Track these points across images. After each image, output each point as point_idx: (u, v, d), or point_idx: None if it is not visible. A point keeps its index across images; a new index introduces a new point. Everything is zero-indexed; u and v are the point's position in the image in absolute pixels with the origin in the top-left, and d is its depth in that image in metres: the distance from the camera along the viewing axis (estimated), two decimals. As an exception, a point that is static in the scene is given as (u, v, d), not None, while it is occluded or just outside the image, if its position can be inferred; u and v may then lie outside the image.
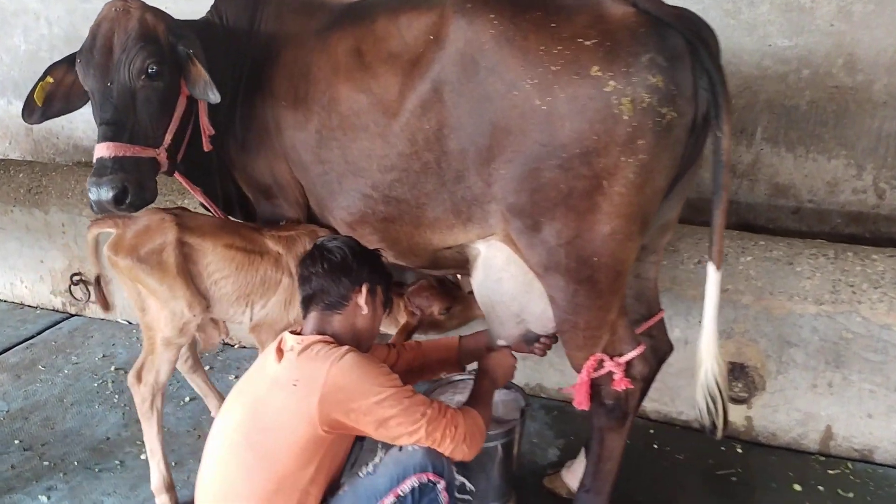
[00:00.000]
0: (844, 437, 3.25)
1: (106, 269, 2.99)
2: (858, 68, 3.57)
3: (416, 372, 2.82)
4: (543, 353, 2.84)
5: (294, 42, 2.84)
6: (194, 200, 3.58)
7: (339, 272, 2.30)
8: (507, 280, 2.57)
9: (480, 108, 2.27)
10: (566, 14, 2.15)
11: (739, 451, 3.34)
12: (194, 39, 2.68)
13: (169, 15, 2.74)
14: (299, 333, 2.33)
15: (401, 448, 2.19)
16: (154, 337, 2.92)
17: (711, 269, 2.34)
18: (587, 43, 2.08)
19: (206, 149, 2.86)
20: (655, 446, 3.36)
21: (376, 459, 2.29)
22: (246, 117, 2.95)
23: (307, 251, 2.40)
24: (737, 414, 3.37)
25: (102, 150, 2.52)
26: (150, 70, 2.58)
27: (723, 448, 3.34)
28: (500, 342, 2.69)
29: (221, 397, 3.39)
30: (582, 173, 2.16)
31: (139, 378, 2.98)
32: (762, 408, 3.34)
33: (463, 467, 2.40)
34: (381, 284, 2.39)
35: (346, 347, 2.20)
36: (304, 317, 2.36)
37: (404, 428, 2.15)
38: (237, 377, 3.98)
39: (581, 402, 2.53)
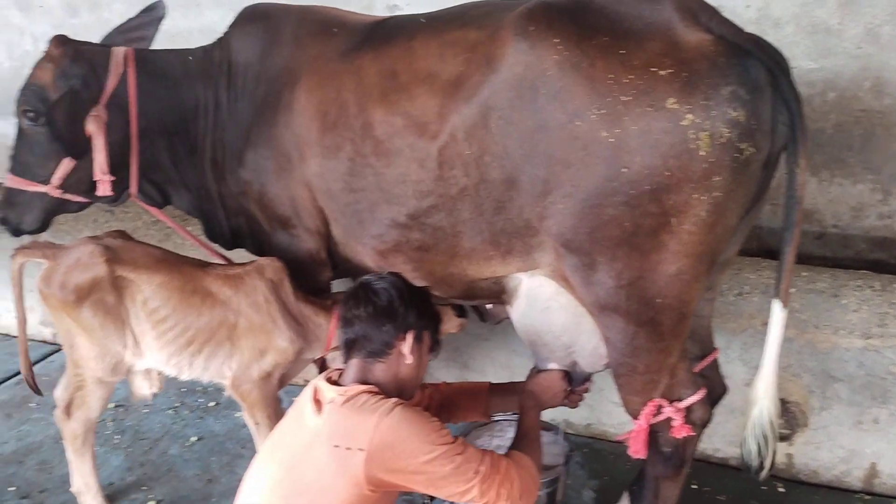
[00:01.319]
0: (890, 475, 3.14)
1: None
2: (886, 92, 3.49)
3: (442, 416, 2.68)
4: (575, 406, 2.71)
5: (315, 66, 2.68)
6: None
7: (384, 317, 2.13)
8: (556, 310, 2.43)
9: (535, 138, 2.12)
10: (636, 40, 2.01)
11: (781, 489, 3.21)
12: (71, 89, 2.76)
13: (80, 56, 2.83)
14: (335, 381, 2.16)
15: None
16: (83, 374, 2.80)
17: (777, 306, 2.20)
18: (662, 73, 1.94)
19: (100, 193, 2.88)
20: (694, 486, 3.22)
21: None
22: (261, 146, 2.78)
23: (350, 291, 2.21)
24: (778, 451, 3.24)
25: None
26: (28, 114, 2.79)
27: (764, 487, 3.20)
28: (552, 366, 2.55)
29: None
30: (650, 211, 2.02)
31: (68, 413, 2.88)
32: (804, 445, 3.22)
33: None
34: (429, 330, 2.22)
35: (395, 400, 2.04)
36: (345, 361, 2.20)
37: (456, 487, 2.00)
38: (245, 414, 3.78)
39: (638, 451, 2.38)
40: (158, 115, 2.92)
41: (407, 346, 2.13)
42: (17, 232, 2.98)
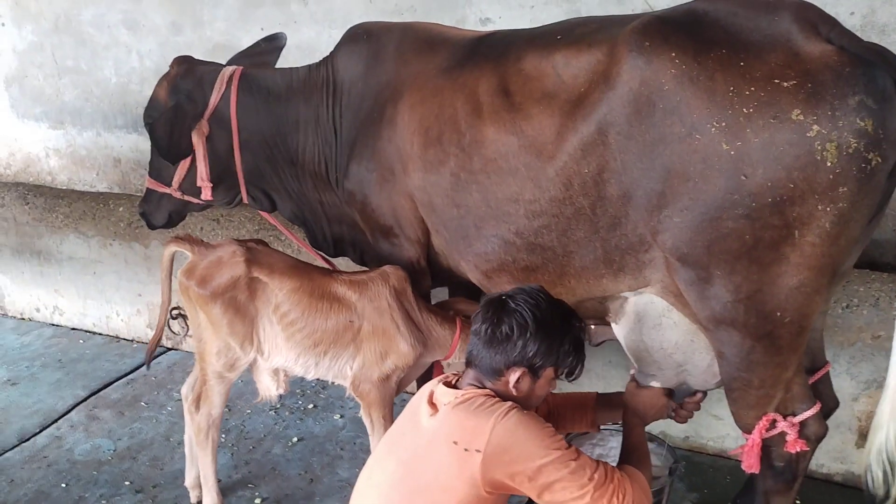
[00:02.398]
0: None
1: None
2: None
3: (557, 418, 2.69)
4: (684, 421, 2.68)
5: (418, 81, 2.75)
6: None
7: (499, 344, 2.11)
8: (668, 327, 2.41)
9: (653, 152, 2.13)
10: (755, 52, 2.00)
11: (890, 509, 3.11)
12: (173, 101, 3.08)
13: (190, 74, 3.13)
14: (454, 385, 2.21)
15: None
16: (206, 369, 2.93)
17: None
18: (785, 84, 1.93)
19: (203, 197, 3.19)
20: (798, 502, 3.15)
21: None
22: (365, 158, 2.87)
23: (486, 301, 2.22)
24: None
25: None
26: (146, 125, 3.12)
27: (872, 505, 3.11)
28: (654, 384, 2.53)
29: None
30: (772, 223, 2.00)
31: (197, 406, 3.02)
32: (916, 463, 3.10)
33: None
34: (556, 365, 2.16)
35: (510, 404, 2.07)
36: (466, 368, 2.24)
37: (569, 493, 2.00)
38: (343, 416, 3.89)
39: (751, 466, 2.35)
40: (259, 129, 3.10)
41: (513, 380, 2.12)
42: (151, 226, 3.41)
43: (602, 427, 2.89)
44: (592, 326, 2.90)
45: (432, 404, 2.15)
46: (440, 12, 3.99)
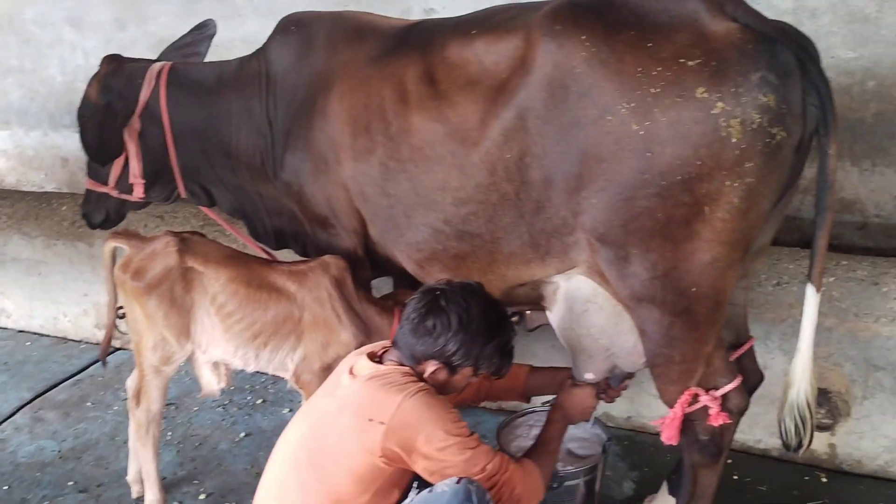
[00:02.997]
0: (936, 464, 3.10)
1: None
2: (926, 78, 3.45)
3: (480, 397, 2.76)
4: (612, 401, 2.77)
5: (348, 70, 2.76)
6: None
7: (421, 336, 2.17)
8: (594, 312, 2.45)
9: (569, 135, 2.16)
10: (663, 33, 2.04)
11: (824, 480, 3.18)
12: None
13: (119, 72, 3.14)
14: (379, 358, 2.26)
15: (430, 490, 2.08)
16: (143, 363, 2.91)
17: (811, 290, 2.21)
18: (691, 63, 1.97)
19: (137, 194, 3.19)
20: (735, 477, 3.21)
21: (407, 500, 2.19)
22: (299, 149, 2.88)
23: (421, 291, 2.27)
24: (820, 441, 3.22)
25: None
26: (80, 123, 3.12)
27: (806, 478, 3.19)
28: (589, 376, 2.57)
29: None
30: (682, 201, 2.05)
31: (137, 401, 2.99)
32: (847, 435, 3.19)
33: (543, 504, 2.32)
34: (476, 367, 2.22)
35: (422, 384, 2.14)
36: (392, 344, 2.29)
37: None
38: (292, 411, 3.88)
39: (671, 438, 2.41)
40: (191, 123, 3.10)
41: (429, 370, 2.18)
42: (91, 225, 3.44)
43: (540, 409, 2.94)
44: (528, 312, 2.95)
45: (352, 374, 2.21)
46: (384, 3, 3.99)
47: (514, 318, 3.00)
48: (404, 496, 2.21)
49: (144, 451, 3.06)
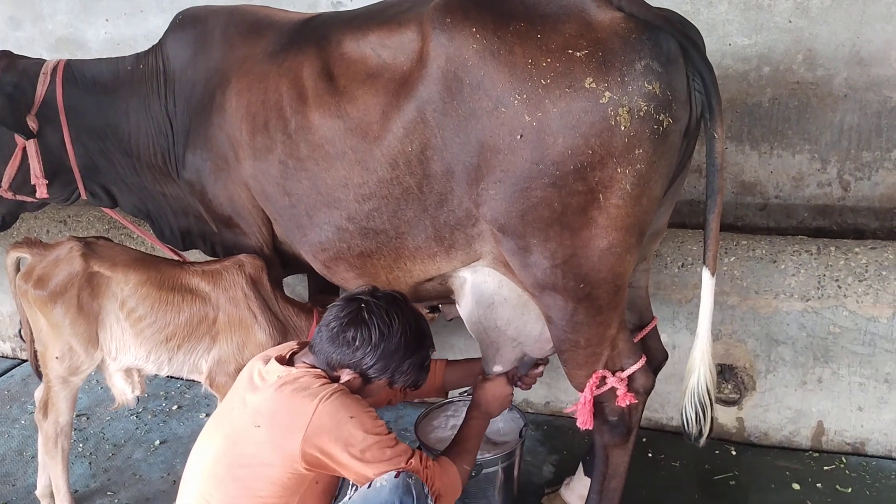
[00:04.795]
0: (836, 432, 3.25)
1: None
2: (818, 63, 3.59)
3: (398, 399, 2.75)
4: (528, 388, 2.80)
5: (245, 66, 2.70)
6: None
7: (340, 346, 2.14)
8: (499, 304, 2.47)
9: (467, 127, 2.17)
10: (551, 23, 2.06)
11: (734, 453, 3.32)
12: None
13: (11, 69, 2.96)
14: (287, 359, 2.23)
15: (369, 486, 2.07)
16: (49, 374, 2.82)
17: (706, 274, 2.27)
18: (578, 54, 2.00)
19: (38, 195, 3.02)
20: (650, 455, 3.32)
21: (345, 498, 2.19)
22: (199, 147, 2.81)
23: (345, 298, 2.23)
24: (728, 416, 3.35)
25: None
26: None
27: (717, 451, 3.31)
28: (497, 369, 2.59)
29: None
30: (576, 189, 2.08)
31: (45, 413, 2.90)
32: (753, 408, 3.32)
33: (463, 492, 2.33)
34: (392, 380, 2.20)
35: (336, 386, 2.11)
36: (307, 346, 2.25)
37: None
38: (208, 415, 3.80)
39: (585, 422, 2.45)
40: (88, 121, 2.98)
41: (344, 378, 2.16)
42: None
43: (457, 399, 2.96)
44: (440, 306, 2.96)
45: (261, 378, 2.16)
46: (289, -4, 3.93)
47: (431, 314, 3.01)
48: (340, 494, 2.18)
49: (53, 464, 2.96)
